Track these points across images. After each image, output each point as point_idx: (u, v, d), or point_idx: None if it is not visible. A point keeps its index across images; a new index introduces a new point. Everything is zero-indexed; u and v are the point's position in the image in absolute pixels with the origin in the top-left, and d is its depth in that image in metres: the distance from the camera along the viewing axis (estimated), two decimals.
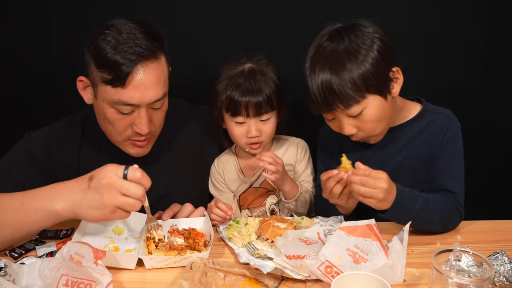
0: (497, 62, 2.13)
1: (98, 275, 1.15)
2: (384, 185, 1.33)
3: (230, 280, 1.26)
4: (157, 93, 1.47)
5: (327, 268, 1.21)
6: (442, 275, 1.09)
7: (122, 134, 1.52)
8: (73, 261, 1.17)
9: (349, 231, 1.26)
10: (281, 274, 1.25)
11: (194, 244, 1.39)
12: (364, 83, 1.41)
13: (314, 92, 1.43)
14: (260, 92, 1.59)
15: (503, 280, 1.23)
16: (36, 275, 1.23)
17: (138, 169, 1.24)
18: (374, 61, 1.41)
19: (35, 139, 1.61)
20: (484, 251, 1.24)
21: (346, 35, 1.44)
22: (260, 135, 1.63)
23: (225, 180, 1.74)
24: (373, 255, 1.22)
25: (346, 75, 1.40)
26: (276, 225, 1.44)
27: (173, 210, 1.56)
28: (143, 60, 1.42)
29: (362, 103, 1.43)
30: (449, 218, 1.47)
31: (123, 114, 1.48)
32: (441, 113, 1.57)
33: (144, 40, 1.43)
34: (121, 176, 1.21)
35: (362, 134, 1.50)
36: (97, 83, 1.46)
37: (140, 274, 1.31)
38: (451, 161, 1.52)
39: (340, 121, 1.48)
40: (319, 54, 1.46)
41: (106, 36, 1.42)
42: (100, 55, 1.42)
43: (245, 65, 1.65)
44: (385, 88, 1.46)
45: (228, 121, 1.65)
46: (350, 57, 1.41)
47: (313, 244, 1.33)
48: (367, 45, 1.42)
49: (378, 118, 1.47)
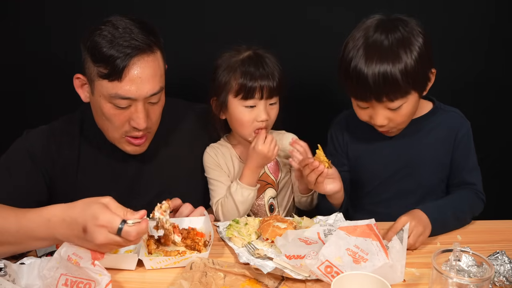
0: (497, 62, 2.14)
1: (96, 276, 1.15)
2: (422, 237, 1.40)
3: (230, 280, 1.26)
4: (153, 86, 1.47)
5: (327, 268, 1.21)
6: (442, 275, 1.09)
7: (119, 130, 1.51)
8: (71, 261, 1.17)
9: (349, 231, 1.26)
10: (281, 274, 1.25)
11: (194, 244, 1.39)
12: (413, 78, 1.44)
13: (369, 81, 1.44)
14: (273, 75, 1.62)
15: (503, 280, 1.23)
16: (35, 275, 1.23)
17: (132, 228, 1.17)
18: (421, 56, 1.45)
19: (34, 137, 1.60)
20: (484, 251, 1.24)
21: (397, 27, 1.47)
22: (268, 118, 1.65)
23: (220, 164, 1.73)
24: (373, 255, 1.22)
25: (400, 67, 1.43)
26: (276, 225, 1.44)
27: (174, 203, 1.57)
28: (139, 54, 1.42)
29: (406, 98, 1.47)
30: (475, 210, 1.58)
31: (120, 109, 1.47)
32: (452, 111, 1.65)
33: (140, 34, 1.43)
34: (114, 233, 1.16)
35: (391, 126, 1.53)
36: (93, 78, 1.46)
37: (140, 274, 1.31)
38: (468, 156, 1.62)
39: (375, 112, 1.50)
40: (373, 43, 1.46)
41: (102, 31, 1.42)
42: (96, 49, 1.42)
43: (246, 52, 1.66)
44: (424, 86, 1.51)
45: (236, 107, 1.64)
46: (404, 48, 1.44)
47: (313, 244, 1.33)
48: (415, 38, 1.46)
49: (411, 114, 1.53)
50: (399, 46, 1.44)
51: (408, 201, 1.60)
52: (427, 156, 1.61)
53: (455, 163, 1.62)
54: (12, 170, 1.54)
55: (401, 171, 1.63)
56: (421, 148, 1.61)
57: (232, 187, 1.66)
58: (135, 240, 1.19)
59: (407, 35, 1.46)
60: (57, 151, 1.60)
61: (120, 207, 1.20)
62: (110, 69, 1.41)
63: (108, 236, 1.16)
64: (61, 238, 1.22)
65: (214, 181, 1.72)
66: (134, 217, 1.18)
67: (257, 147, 1.61)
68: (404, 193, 1.65)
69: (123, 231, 1.16)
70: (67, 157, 1.60)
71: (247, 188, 1.64)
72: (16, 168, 1.55)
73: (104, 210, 1.16)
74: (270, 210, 1.76)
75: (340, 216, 1.50)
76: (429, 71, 1.51)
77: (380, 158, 1.65)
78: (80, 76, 1.52)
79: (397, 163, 1.62)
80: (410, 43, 1.45)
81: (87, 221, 1.15)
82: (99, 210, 1.16)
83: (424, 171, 1.62)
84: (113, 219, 1.16)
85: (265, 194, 1.75)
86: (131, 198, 1.54)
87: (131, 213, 1.19)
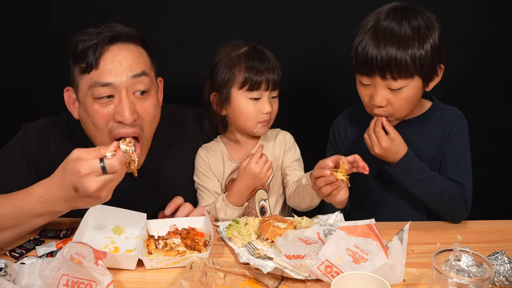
0: (498, 62, 2.14)
1: (98, 275, 1.15)
2: (384, 143, 1.50)
3: (230, 280, 1.26)
4: (134, 68, 1.44)
5: (327, 268, 1.21)
6: (442, 275, 1.10)
7: (104, 129, 1.45)
8: (73, 261, 1.17)
9: (349, 231, 1.26)
10: (281, 274, 1.25)
11: (194, 244, 1.39)
12: (420, 63, 1.46)
13: (376, 57, 1.46)
14: (276, 68, 1.65)
15: (503, 280, 1.23)
16: (36, 275, 1.23)
17: (112, 159, 1.17)
18: (433, 47, 1.47)
19: (32, 135, 1.57)
20: (484, 251, 1.24)
21: (416, 15, 1.49)
22: (272, 111, 1.66)
23: (211, 166, 1.72)
24: (373, 255, 1.22)
25: (411, 51, 1.44)
26: (276, 225, 1.44)
27: (176, 203, 1.56)
28: (118, 41, 1.43)
29: (408, 80, 1.48)
30: (452, 202, 1.53)
31: (104, 103, 1.43)
32: (449, 109, 1.65)
33: (119, 27, 1.45)
34: (101, 174, 1.17)
35: (389, 109, 1.53)
36: (77, 80, 1.46)
37: (140, 274, 1.31)
38: (458, 154, 1.59)
39: (376, 90, 1.51)
40: (386, 26, 1.48)
41: (82, 33, 1.44)
42: (76, 46, 1.43)
43: (245, 46, 1.67)
44: (429, 77, 1.52)
45: (240, 99, 1.64)
46: (418, 36, 1.46)
47: (313, 244, 1.33)
48: (431, 29, 1.48)
49: (410, 101, 1.53)
50: (414, 32, 1.46)
51: (404, 200, 1.63)
52: (425, 154, 1.60)
53: (444, 158, 1.60)
54: (7, 170, 1.53)
55: None
56: (419, 146, 1.60)
57: (218, 202, 1.65)
58: (122, 168, 1.19)
59: (423, 22, 1.48)
60: (56, 150, 1.57)
61: (91, 150, 1.19)
62: (86, 60, 1.41)
63: (98, 179, 1.16)
64: (60, 209, 1.24)
65: (201, 188, 1.72)
66: (108, 150, 1.19)
67: (249, 166, 1.58)
68: (399, 192, 1.63)
69: (107, 167, 1.16)
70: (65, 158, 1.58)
71: (231, 207, 1.63)
72: (11, 169, 1.53)
73: (79, 162, 1.16)
74: (261, 213, 1.74)
75: (340, 216, 1.50)
76: (437, 65, 1.52)
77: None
78: (69, 88, 1.51)
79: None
80: (424, 31, 1.47)
81: (72, 180, 1.16)
82: (76, 164, 1.16)
83: None
84: (91, 163, 1.16)
85: (255, 197, 1.73)
86: (130, 201, 1.53)
87: (103, 148, 1.19)
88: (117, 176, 1.19)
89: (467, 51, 2.09)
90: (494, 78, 2.18)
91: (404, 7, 1.52)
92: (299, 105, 2.15)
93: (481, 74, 2.16)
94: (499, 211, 1.83)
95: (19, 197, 1.25)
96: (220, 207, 1.64)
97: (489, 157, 2.16)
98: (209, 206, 1.69)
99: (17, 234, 1.32)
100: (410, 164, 1.52)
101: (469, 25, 2.08)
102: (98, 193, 1.17)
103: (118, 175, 1.20)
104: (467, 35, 2.07)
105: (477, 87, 2.17)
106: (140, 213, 1.48)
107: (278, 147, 1.76)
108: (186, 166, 1.74)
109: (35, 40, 2.11)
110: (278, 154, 1.75)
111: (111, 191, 1.21)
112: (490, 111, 2.17)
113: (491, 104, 2.18)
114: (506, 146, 2.25)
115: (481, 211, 1.61)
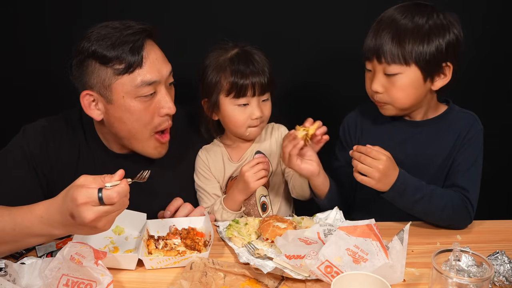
0: (498, 62, 2.14)
1: (98, 275, 1.15)
2: (380, 166, 1.43)
3: (230, 280, 1.26)
4: (168, 65, 1.49)
5: (327, 268, 1.21)
6: (442, 275, 1.10)
7: (149, 125, 1.49)
8: (73, 261, 1.17)
9: (349, 231, 1.26)
10: (281, 274, 1.25)
11: (194, 244, 1.39)
12: (418, 54, 1.47)
13: (376, 37, 1.50)
14: (263, 71, 1.62)
15: (502, 280, 1.23)
16: (36, 275, 1.23)
17: (110, 190, 1.14)
18: (438, 47, 1.47)
19: (31, 136, 1.56)
20: (484, 251, 1.24)
21: (425, 12, 1.50)
22: (262, 115, 1.64)
23: (211, 168, 1.72)
24: (373, 255, 1.22)
25: (407, 39, 1.47)
26: (276, 225, 1.44)
27: (175, 205, 1.56)
28: (147, 37, 1.44)
29: (404, 67, 1.49)
30: (454, 215, 1.51)
31: (147, 101, 1.46)
32: (466, 112, 1.63)
33: (133, 22, 1.45)
34: (98, 204, 1.14)
35: (385, 97, 1.55)
36: (109, 82, 1.43)
37: (140, 274, 1.31)
38: (469, 159, 1.56)
39: (375, 76, 1.54)
40: (388, 17, 1.52)
41: (98, 33, 1.42)
42: (102, 48, 1.40)
43: (234, 49, 1.65)
44: (430, 72, 1.51)
45: (228, 106, 1.63)
46: (419, 31, 1.47)
47: (313, 244, 1.33)
48: (439, 29, 1.48)
49: (406, 91, 1.52)
50: (415, 26, 1.48)
51: None
52: (437, 158, 1.59)
53: (455, 163, 1.57)
54: (6, 174, 1.51)
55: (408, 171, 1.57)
56: (430, 151, 1.59)
57: (216, 205, 1.66)
58: (122, 201, 1.15)
59: (432, 23, 1.48)
60: (56, 152, 1.57)
61: (95, 178, 1.16)
62: (127, 60, 1.40)
63: (94, 210, 1.13)
64: (57, 232, 1.21)
65: (201, 190, 1.72)
66: (112, 180, 1.15)
67: (243, 167, 1.59)
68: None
69: (104, 197, 1.12)
70: (66, 159, 1.58)
71: (227, 211, 1.63)
72: (11, 168, 1.52)
73: (79, 189, 1.13)
74: (262, 209, 1.74)
75: (340, 216, 1.50)
76: (442, 62, 1.50)
77: None
78: (88, 91, 1.46)
79: (404, 163, 1.55)
80: (429, 29, 1.47)
81: (69, 206, 1.14)
82: (76, 192, 1.13)
83: (430, 172, 1.59)
84: (90, 192, 1.13)
85: (256, 193, 1.72)
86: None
87: (108, 177, 1.16)
88: (116, 208, 1.15)
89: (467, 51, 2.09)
90: (494, 78, 2.18)
91: (420, 4, 1.53)
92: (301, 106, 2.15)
93: (481, 74, 2.16)
94: (499, 211, 1.83)
95: (21, 213, 1.23)
96: (217, 210, 1.64)
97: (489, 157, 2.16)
98: (209, 208, 1.69)
99: (8, 251, 1.30)
100: (405, 184, 1.47)
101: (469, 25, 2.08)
102: (94, 223, 1.14)
103: (117, 206, 1.15)
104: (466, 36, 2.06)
105: (477, 87, 2.17)
106: (140, 213, 1.48)
107: (274, 143, 1.75)
108: (185, 165, 1.74)
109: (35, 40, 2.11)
110: (275, 150, 1.75)
111: (110, 222, 1.18)
112: (490, 111, 2.16)
113: (491, 104, 2.18)
114: (506, 146, 2.25)
115: (481, 211, 1.60)
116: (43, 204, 1.22)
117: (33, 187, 1.53)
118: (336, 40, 2.07)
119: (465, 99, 1.68)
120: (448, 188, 1.55)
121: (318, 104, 2.18)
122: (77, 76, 1.47)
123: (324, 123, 1.61)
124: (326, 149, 1.67)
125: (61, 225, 1.19)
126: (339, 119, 1.79)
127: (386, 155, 1.44)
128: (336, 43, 2.07)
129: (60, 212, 1.17)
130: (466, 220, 1.53)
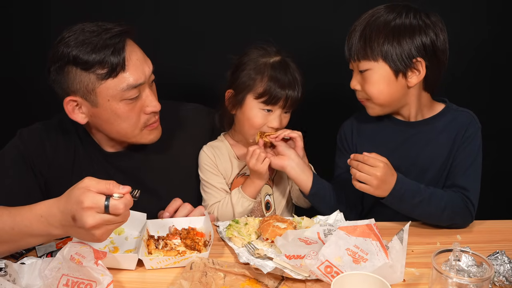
0: (498, 62, 2.14)
1: (98, 275, 1.15)
2: (378, 173, 1.43)
3: (230, 280, 1.26)
4: (149, 63, 1.49)
5: (327, 268, 1.21)
6: (442, 275, 1.10)
7: (138, 124, 1.51)
8: (73, 261, 1.17)
9: (349, 231, 1.26)
10: (281, 274, 1.25)
11: (194, 244, 1.39)
12: (384, 49, 1.50)
13: (351, 37, 1.56)
14: (299, 87, 1.64)
15: (502, 280, 1.23)
16: (36, 275, 1.23)
17: (119, 201, 1.14)
18: (406, 44, 1.49)
19: (27, 137, 1.57)
20: (483, 251, 1.24)
21: (403, 12, 1.52)
22: (280, 127, 1.65)
23: (218, 165, 1.72)
24: (373, 255, 1.22)
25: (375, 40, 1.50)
26: (276, 225, 1.44)
27: (174, 206, 1.56)
28: (125, 38, 1.43)
29: (372, 64, 1.52)
30: (454, 216, 1.51)
31: (133, 102, 1.46)
32: (463, 111, 1.62)
33: (109, 24, 1.44)
34: (102, 212, 1.13)
35: (363, 93, 1.58)
36: (92, 87, 1.42)
37: (140, 274, 1.31)
38: (468, 158, 1.56)
39: (353, 75, 1.59)
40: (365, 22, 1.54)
41: (74, 38, 1.40)
42: (83, 54, 1.38)
43: (276, 56, 1.65)
44: (399, 67, 1.51)
45: (253, 108, 1.63)
46: (392, 30, 1.49)
47: (313, 244, 1.33)
48: (410, 28, 1.50)
49: (378, 86, 1.54)
50: (386, 24, 1.50)
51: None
52: (437, 158, 1.59)
53: (455, 162, 1.56)
54: (4, 176, 1.52)
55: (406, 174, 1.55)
56: (430, 151, 1.59)
57: (234, 196, 1.66)
58: (125, 214, 1.16)
59: (407, 22, 1.50)
60: (53, 153, 1.57)
61: (102, 182, 1.15)
62: (109, 64, 1.39)
63: (97, 217, 1.12)
64: (56, 232, 1.21)
65: (208, 185, 1.72)
66: (119, 191, 1.15)
67: (247, 164, 1.63)
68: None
69: (110, 207, 1.12)
70: (62, 160, 1.58)
71: (247, 198, 1.65)
72: (9, 171, 1.52)
73: (86, 193, 1.12)
74: (266, 208, 1.75)
75: (340, 216, 1.50)
76: (412, 57, 1.49)
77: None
78: (71, 97, 1.46)
79: (404, 165, 1.57)
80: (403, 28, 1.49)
81: (73, 208, 1.13)
82: (82, 194, 1.12)
83: (431, 173, 1.59)
84: (97, 199, 1.12)
85: (260, 191, 1.73)
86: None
87: (113, 185, 1.15)
88: (118, 219, 1.15)
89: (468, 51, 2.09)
90: (494, 78, 2.18)
91: (397, 5, 1.54)
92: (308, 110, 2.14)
93: (481, 74, 2.16)
94: (499, 211, 1.83)
95: (21, 212, 1.23)
96: (237, 200, 1.66)
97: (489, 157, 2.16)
98: (217, 203, 1.69)
99: (7, 251, 1.29)
100: (404, 189, 1.47)
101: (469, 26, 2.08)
102: (93, 230, 1.13)
103: (120, 218, 1.15)
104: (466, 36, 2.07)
105: (477, 87, 2.17)
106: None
107: None
108: (186, 163, 1.74)
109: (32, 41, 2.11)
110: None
111: (107, 232, 1.17)
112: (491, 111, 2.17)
113: (491, 104, 2.18)
114: (506, 146, 2.25)
115: (481, 211, 1.60)
116: (44, 204, 1.21)
117: (31, 187, 1.54)
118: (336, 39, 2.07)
119: (465, 99, 1.69)
120: (448, 189, 1.55)
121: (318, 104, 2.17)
122: (57, 81, 1.46)
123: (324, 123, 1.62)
124: (323, 155, 1.68)
125: (61, 225, 1.18)
126: (339, 119, 1.79)
127: (383, 161, 1.44)
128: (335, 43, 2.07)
129: (62, 212, 1.17)
130: (467, 220, 1.54)
